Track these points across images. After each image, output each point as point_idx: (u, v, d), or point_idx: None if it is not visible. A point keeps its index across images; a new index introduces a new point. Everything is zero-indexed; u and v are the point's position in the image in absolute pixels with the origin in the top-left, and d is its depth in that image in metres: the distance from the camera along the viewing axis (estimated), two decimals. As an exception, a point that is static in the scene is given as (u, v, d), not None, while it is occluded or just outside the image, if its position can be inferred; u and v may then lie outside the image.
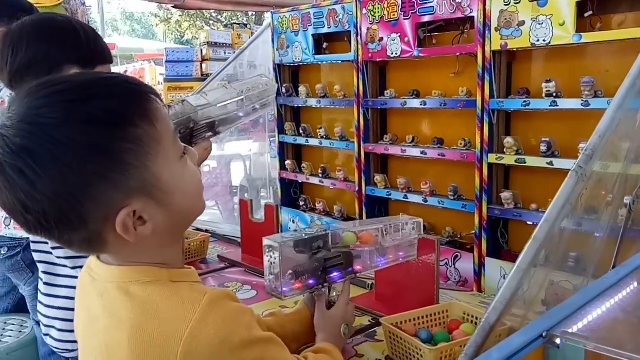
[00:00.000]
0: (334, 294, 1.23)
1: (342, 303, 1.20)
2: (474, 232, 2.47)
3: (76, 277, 0.86)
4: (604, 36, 1.94)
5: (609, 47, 2.04)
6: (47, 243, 1.38)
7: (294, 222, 3.39)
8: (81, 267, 0.83)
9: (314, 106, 3.21)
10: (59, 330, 1.40)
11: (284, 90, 3.35)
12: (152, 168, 0.68)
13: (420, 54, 2.53)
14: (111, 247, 0.73)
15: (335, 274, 1.23)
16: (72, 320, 0.87)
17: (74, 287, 0.84)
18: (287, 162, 3.42)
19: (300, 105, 3.33)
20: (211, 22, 17.44)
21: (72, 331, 0.86)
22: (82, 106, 0.63)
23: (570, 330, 0.91)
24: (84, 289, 0.80)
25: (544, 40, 2.06)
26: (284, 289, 1.17)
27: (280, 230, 1.86)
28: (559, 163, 2.10)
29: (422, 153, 2.62)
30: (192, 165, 0.76)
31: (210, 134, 1.33)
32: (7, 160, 0.63)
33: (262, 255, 1.99)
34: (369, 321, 1.42)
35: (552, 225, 1.15)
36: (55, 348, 1.42)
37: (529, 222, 2.29)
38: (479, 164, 2.36)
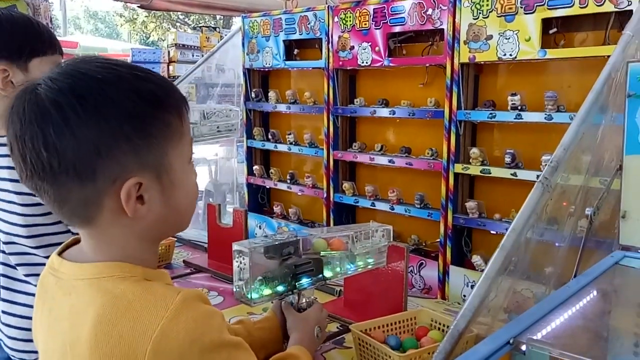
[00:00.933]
0: (303, 300, 1.22)
1: (317, 307, 1.20)
2: (439, 240, 2.51)
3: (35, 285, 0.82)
4: (567, 53, 2.02)
5: (571, 64, 2.12)
6: (14, 243, 1.32)
7: (260, 227, 3.37)
8: (36, 275, 0.80)
9: (283, 112, 3.20)
10: (14, 339, 1.34)
11: (253, 95, 3.33)
12: (169, 155, 0.72)
13: (391, 64, 2.56)
14: (101, 218, 0.71)
15: (305, 280, 1.22)
16: (30, 329, 0.83)
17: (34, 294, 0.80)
18: (255, 167, 3.40)
19: (270, 111, 3.32)
20: (178, 24, 17.22)
21: (31, 340, 0.82)
22: (133, 80, 0.69)
23: (535, 337, 0.93)
24: (46, 292, 0.77)
25: (510, 55, 2.12)
26: (253, 295, 1.15)
27: (247, 236, 1.84)
28: (523, 174, 2.16)
29: (390, 162, 2.65)
30: (195, 172, 0.81)
31: None
32: (49, 94, 0.65)
33: (229, 261, 1.96)
34: (337, 328, 1.42)
35: (518, 235, 1.18)
36: (12, 356, 1.36)
37: (492, 232, 2.35)
38: (445, 173, 2.41)
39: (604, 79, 1.51)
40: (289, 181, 3.21)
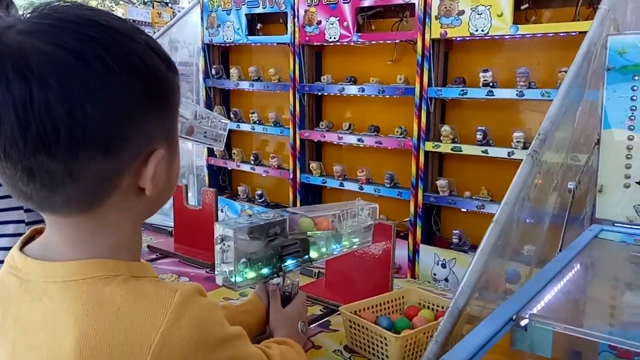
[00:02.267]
0: (288, 282, 1.15)
1: (300, 299, 1.13)
2: (408, 219, 2.49)
3: None
4: (538, 29, 2.01)
5: (540, 41, 2.12)
6: None
7: (222, 211, 3.25)
8: None
9: (246, 89, 3.08)
10: None
11: (213, 72, 3.19)
12: (175, 122, 0.64)
13: (360, 40, 2.49)
14: (109, 202, 0.59)
15: (291, 262, 1.15)
16: None
17: None
18: (216, 148, 3.27)
19: (231, 88, 3.19)
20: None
21: None
22: (140, 34, 0.59)
23: (537, 313, 0.91)
24: (9, 295, 0.62)
25: (482, 30, 2.10)
26: (237, 279, 1.07)
27: (217, 218, 1.74)
28: (494, 151, 2.16)
29: (359, 140, 2.59)
30: None
31: None
32: (67, 41, 0.52)
33: (198, 245, 1.86)
34: (321, 310, 1.36)
35: (512, 209, 1.15)
36: None
37: (463, 209, 2.35)
38: (416, 151, 2.38)
39: (583, 53, 1.50)
40: (252, 162, 3.11)
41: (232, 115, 3.16)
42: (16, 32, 0.52)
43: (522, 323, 0.91)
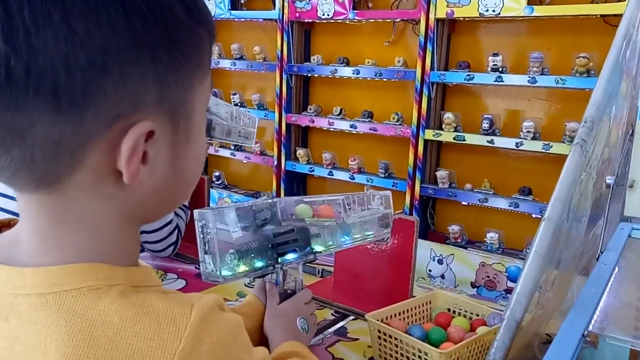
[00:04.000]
0: (290, 280, 0.98)
1: (301, 295, 0.97)
2: (402, 211, 2.34)
3: None
4: (555, 10, 1.87)
5: (554, 24, 1.99)
6: None
7: (197, 199, 3.03)
8: None
9: (227, 68, 2.85)
10: None
11: (191, 49, 2.94)
12: (193, 93, 0.46)
13: (356, 17, 2.31)
14: (71, 181, 0.42)
15: (291, 255, 0.96)
16: None
17: None
18: (192, 131, 3.04)
19: (211, 67, 2.94)
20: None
21: None
22: None
23: (611, 328, 0.78)
24: None
25: (493, 11, 1.95)
26: (224, 272, 0.89)
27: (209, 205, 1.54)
28: (501, 142, 2.03)
29: (351, 127, 2.42)
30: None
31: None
32: None
33: (185, 238, 1.66)
34: (332, 315, 1.18)
35: (564, 204, 1.00)
36: None
37: (463, 202, 2.21)
38: (414, 140, 2.23)
39: (622, 35, 1.36)
40: (232, 147, 2.89)
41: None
42: None
43: (593, 339, 0.78)
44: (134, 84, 0.40)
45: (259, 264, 0.91)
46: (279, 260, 0.94)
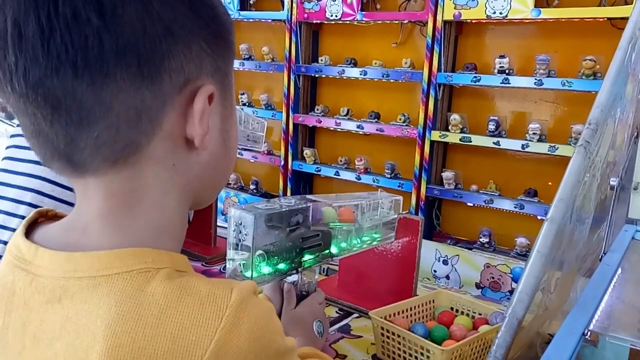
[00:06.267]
0: (305, 281, 0.99)
1: (315, 297, 0.98)
2: (407, 211, 2.35)
3: None
4: (562, 13, 1.88)
5: (561, 27, 1.99)
6: None
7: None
8: None
9: (235, 68, 2.85)
10: None
11: (200, 49, 2.97)
12: (231, 73, 0.52)
13: (365, 19, 2.32)
14: (149, 150, 0.46)
15: (309, 257, 0.98)
16: None
17: None
18: (200, 130, 3.06)
19: (219, 67, 2.98)
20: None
21: None
22: None
23: (612, 327, 0.79)
24: (11, 294, 0.49)
25: (500, 13, 1.96)
26: (253, 273, 0.90)
27: (216, 207, 1.56)
28: (507, 143, 2.03)
29: (358, 127, 2.43)
30: None
31: None
32: None
33: (193, 236, 1.68)
34: (337, 312, 1.20)
35: (567, 205, 1.01)
36: None
37: (469, 204, 2.22)
38: (421, 140, 2.24)
39: (628, 37, 1.37)
40: (240, 147, 2.91)
41: (219, 96, 2.96)
42: None
43: (596, 339, 0.79)
44: (197, 50, 0.45)
45: (283, 266, 0.92)
46: (301, 262, 0.95)
